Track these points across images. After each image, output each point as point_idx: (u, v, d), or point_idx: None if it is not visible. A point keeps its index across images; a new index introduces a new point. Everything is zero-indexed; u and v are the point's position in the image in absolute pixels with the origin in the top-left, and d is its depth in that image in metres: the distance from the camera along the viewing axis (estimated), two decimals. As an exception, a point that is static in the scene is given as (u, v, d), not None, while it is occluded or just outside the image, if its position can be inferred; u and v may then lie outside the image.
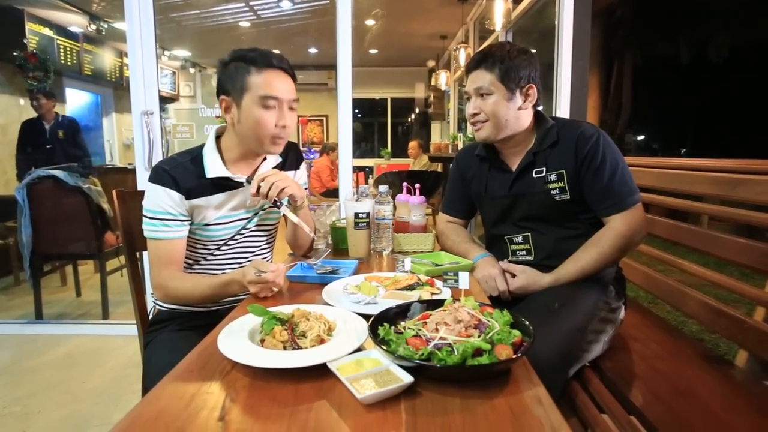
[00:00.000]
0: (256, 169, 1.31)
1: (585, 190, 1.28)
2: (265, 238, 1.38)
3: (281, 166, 1.36)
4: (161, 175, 1.19)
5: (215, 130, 1.30)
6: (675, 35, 8.81)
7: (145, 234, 1.20)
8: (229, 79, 1.18)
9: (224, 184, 1.24)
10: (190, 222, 1.22)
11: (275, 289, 1.09)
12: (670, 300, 1.52)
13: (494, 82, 1.28)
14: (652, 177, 1.70)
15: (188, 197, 1.20)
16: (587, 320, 1.17)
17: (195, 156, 1.25)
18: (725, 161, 1.41)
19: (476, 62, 1.32)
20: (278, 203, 1.24)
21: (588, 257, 1.25)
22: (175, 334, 1.25)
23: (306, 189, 1.40)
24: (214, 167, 1.23)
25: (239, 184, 1.26)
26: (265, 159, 1.33)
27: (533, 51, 1.34)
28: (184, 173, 1.20)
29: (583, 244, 1.28)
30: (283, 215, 1.29)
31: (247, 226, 1.31)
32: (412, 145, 6.51)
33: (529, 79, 1.30)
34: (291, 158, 1.41)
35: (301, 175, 1.44)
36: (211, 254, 1.29)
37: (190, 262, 1.29)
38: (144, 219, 1.19)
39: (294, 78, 1.24)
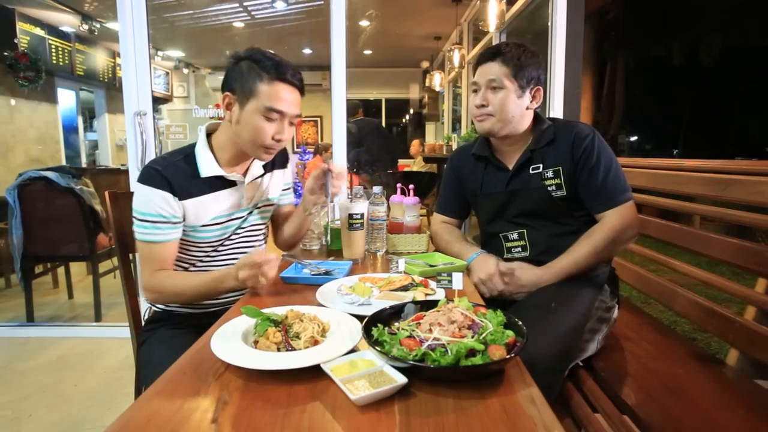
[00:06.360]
0: (248, 168, 1.31)
1: (580, 188, 1.30)
2: (261, 237, 1.39)
3: (271, 166, 1.37)
4: (153, 175, 1.15)
5: (206, 128, 1.28)
6: (667, 37, 8.90)
7: (137, 237, 1.17)
8: (238, 78, 1.16)
9: (218, 183, 1.23)
10: (183, 223, 1.20)
11: (264, 280, 1.04)
12: (663, 299, 1.53)
13: (507, 76, 1.30)
14: (645, 177, 1.72)
15: (182, 198, 1.17)
16: (584, 320, 1.17)
17: (188, 154, 1.23)
18: (717, 162, 1.42)
19: (491, 54, 1.32)
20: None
21: (581, 250, 1.27)
22: (171, 332, 1.24)
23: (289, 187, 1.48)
24: (208, 166, 1.21)
25: (233, 183, 1.26)
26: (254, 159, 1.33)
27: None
28: (176, 173, 1.18)
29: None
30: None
31: (243, 225, 1.30)
32: (415, 143, 6.56)
33: (538, 81, 1.33)
34: (279, 158, 1.40)
35: (288, 173, 1.45)
36: (207, 256, 1.27)
37: (185, 265, 1.27)
38: (135, 221, 1.16)
39: (302, 93, 1.22)
